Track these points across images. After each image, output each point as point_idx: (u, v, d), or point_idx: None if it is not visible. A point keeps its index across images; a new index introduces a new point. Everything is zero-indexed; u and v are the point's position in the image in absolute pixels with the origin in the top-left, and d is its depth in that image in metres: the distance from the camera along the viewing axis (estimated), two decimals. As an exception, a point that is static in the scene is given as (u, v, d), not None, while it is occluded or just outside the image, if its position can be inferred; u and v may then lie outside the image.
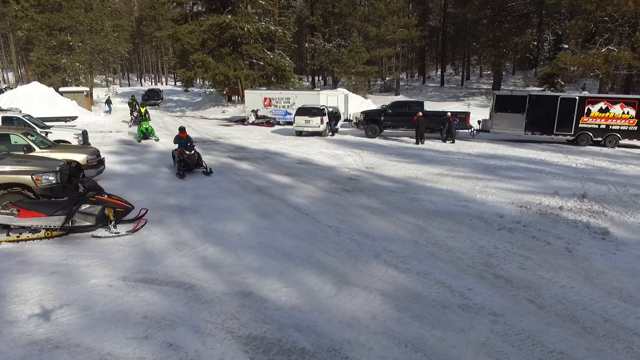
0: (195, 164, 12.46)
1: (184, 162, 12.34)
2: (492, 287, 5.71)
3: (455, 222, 8.40)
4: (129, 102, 27.87)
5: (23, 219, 7.09)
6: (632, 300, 5.40)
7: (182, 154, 12.37)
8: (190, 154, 12.41)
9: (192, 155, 12.45)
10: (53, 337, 4.48)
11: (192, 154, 12.45)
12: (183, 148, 12.54)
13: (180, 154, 12.43)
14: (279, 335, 4.58)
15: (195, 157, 12.50)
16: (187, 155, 12.36)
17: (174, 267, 6.22)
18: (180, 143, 12.81)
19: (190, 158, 12.37)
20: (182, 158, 12.33)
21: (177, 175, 12.21)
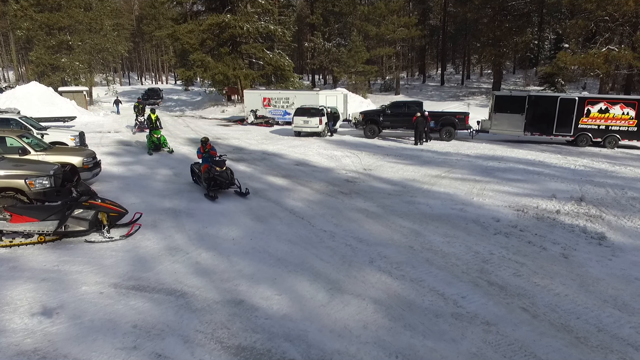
0: (228, 183, 10.32)
1: (215, 180, 10.25)
2: (486, 295, 5.66)
3: (452, 227, 8.35)
4: (135, 105, 24.95)
5: (16, 223, 7.05)
6: (627, 308, 5.35)
7: (212, 171, 10.26)
8: (221, 170, 10.23)
9: (225, 172, 10.27)
10: (41, 348, 4.44)
11: (224, 171, 10.27)
12: (212, 164, 10.40)
13: (208, 170, 10.34)
14: (269, 345, 4.54)
15: (229, 175, 10.35)
16: (219, 172, 10.21)
17: (166, 273, 6.18)
18: (205, 158, 10.78)
19: (222, 176, 10.20)
20: (213, 176, 10.22)
21: (206, 196, 10.23)
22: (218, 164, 10.32)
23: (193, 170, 11.59)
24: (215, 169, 10.20)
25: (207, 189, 10.30)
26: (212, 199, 10.02)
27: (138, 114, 23.84)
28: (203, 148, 10.91)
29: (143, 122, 22.29)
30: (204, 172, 10.43)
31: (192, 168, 11.65)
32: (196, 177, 11.37)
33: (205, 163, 10.58)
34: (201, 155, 10.87)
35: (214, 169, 10.24)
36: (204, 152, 10.85)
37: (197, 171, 11.17)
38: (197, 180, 11.31)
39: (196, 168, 11.32)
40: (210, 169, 10.29)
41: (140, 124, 22.73)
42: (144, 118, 22.17)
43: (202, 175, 10.52)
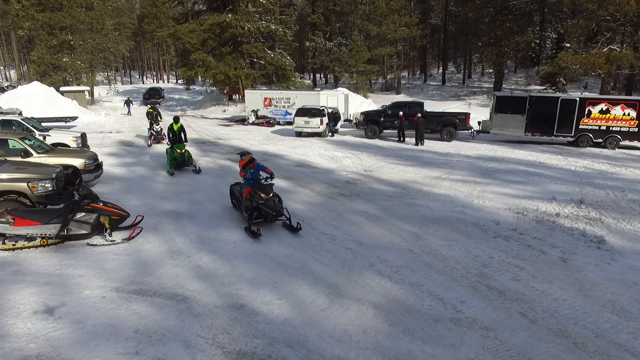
0: (275, 215, 8.22)
1: (259, 210, 8.17)
2: (485, 300, 5.70)
3: (451, 230, 8.39)
4: (148, 111, 19.75)
5: (18, 227, 7.11)
6: (625, 314, 5.39)
7: (256, 197, 8.10)
8: (268, 197, 8.14)
9: (271, 200, 8.18)
10: (44, 353, 4.49)
11: (271, 198, 8.19)
12: (256, 188, 8.24)
13: (251, 197, 8.22)
14: (269, 350, 4.59)
15: (276, 204, 8.25)
16: (264, 200, 8.08)
17: (167, 277, 6.23)
18: (248, 180, 8.53)
19: (268, 205, 8.08)
20: (257, 204, 8.09)
21: (246, 230, 8.06)
22: (263, 190, 8.16)
23: (233, 193, 9.53)
24: (260, 196, 8.05)
25: (248, 220, 8.21)
26: (253, 235, 7.82)
27: (153, 121, 19.32)
28: (244, 164, 8.70)
29: (160, 132, 18.83)
30: (246, 197, 8.39)
31: (232, 190, 9.58)
32: (235, 200, 9.37)
33: (248, 186, 8.43)
34: (243, 173, 8.65)
35: (257, 195, 8.10)
36: (246, 169, 8.64)
37: (237, 195, 9.16)
38: (236, 206, 9.39)
39: (237, 190, 9.27)
40: (253, 195, 8.18)
41: (155, 134, 18.90)
42: (160, 127, 18.91)
43: (244, 202, 8.46)
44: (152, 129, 18.97)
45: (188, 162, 13.55)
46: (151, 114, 19.43)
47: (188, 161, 13.55)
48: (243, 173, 8.65)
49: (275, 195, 8.42)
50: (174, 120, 14.15)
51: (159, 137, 18.65)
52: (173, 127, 13.88)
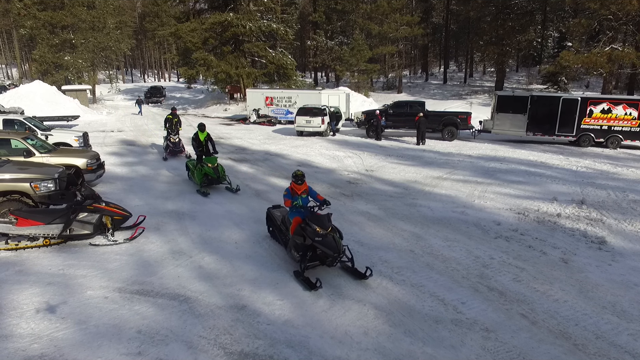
0: (336, 256, 6.15)
1: (313, 250, 6.19)
2: (485, 301, 5.72)
3: (452, 230, 8.41)
4: (167, 118, 16.34)
5: (21, 227, 7.15)
6: (626, 315, 5.41)
7: (309, 232, 6.14)
8: (325, 233, 6.11)
9: (330, 236, 6.15)
10: (47, 353, 4.53)
11: (330, 234, 6.18)
12: (310, 220, 6.32)
13: (303, 229, 6.27)
14: (271, 351, 4.61)
15: (336, 242, 6.16)
16: (321, 237, 6.07)
17: (169, 277, 6.26)
18: (298, 208, 6.70)
19: (327, 244, 6.07)
20: (314, 242, 6.08)
21: (297, 277, 6.25)
22: (320, 222, 6.22)
23: (271, 219, 7.63)
24: (315, 231, 6.10)
25: (300, 264, 6.25)
26: (310, 286, 5.92)
27: (170, 130, 16.02)
28: (296, 188, 6.77)
29: (177, 144, 15.78)
30: (295, 231, 6.43)
31: (271, 215, 7.65)
32: (276, 230, 7.47)
33: (296, 216, 6.58)
34: (290, 201, 6.67)
35: (311, 229, 6.14)
36: (294, 194, 6.75)
37: (278, 224, 7.33)
38: (277, 237, 7.46)
39: (277, 217, 7.46)
40: (305, 229, 6.25)
41: (172, 146, 15.71)
42: (178, 137, 15.91)
43: (292, 238, 6.50)
44: (169, 139, 15.77)
45: (221, 177, 11.09)
46: (170, 121, 16.11)
47: (221, 177, 11.08)
48: (289, 201, 6.64)
49: (335, 230, 6.41)
50: (199, 129, 11.90)
51: (177, 149, 15.70)
52: (199, 137, 11.80)
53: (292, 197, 6.73)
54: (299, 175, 6.84)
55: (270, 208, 7.93)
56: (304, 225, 6.35)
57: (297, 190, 6.79)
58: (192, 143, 11.98)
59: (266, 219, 7.91)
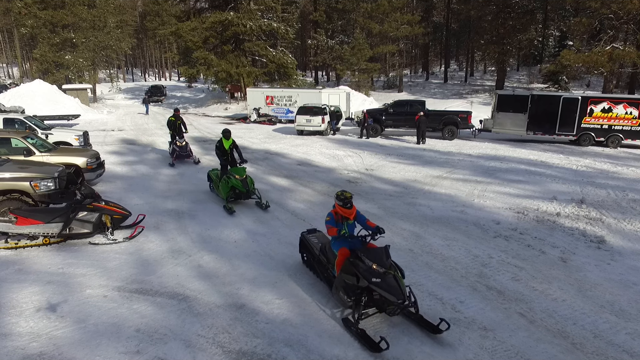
0: (402, 301, 4.85)
1: (369, 293, 4.97)
2: (484, 300, 5.72)
3: (452, 229, 8.41)
4: (170, 120, 15.01)
5: (21, 226, 7.17)
6: (624, 314, 5.41)
7: (363, 270, 4.96)
8: (384, 272, 4.93)
9: (391, 275, 4.94)
10: (46, 352, 4.54)
11: (390, 272, 4.96)
12: (363, 253, 5.12)
13: (354, 265, 5.07)
14: (269, 350, 4.63)
15: (401, 281, 4.99)
16: (380, 278, 4.87)
17: (168, 276, 6.27)
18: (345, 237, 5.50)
19: (388, 287, 4.84)
20: (370, 283, 4.87)
21: (348, 325, 5.05)
22: (376, 258, 5.02)
23: (308, 248, 6.43)
24: (372, 269, 4.91)
25: (353, 309, 5.06)
26: (372, 346, 4.63)
27: (175, 133, 14.75)
28: (342, 212, 5.56)
29: (184, 148, 14.47)
30: (343, 268, 5.23)
31: (306, 242, 6.48)
32: (314, 261, 6.21)
33: (343, 247, 5.42)
34: (335, 229, 5.41)
35: (366, 266, 4.96)
36: (338, 219, 5.57)
37: (316, 254, 6.09)
38: (314, 268, 6.25)
39: (314, 244, 6.32)
40: (356, 265, 5.02)
41: (179, 151, 14.38)
42: (185, 141, 14.65)
43: (341, 276, 5.24)
44: (175, 143, 14.47)
45: (252, 191, 9.68)
46: (173, 124, 14.86)
47: (251, 190, 9.68)
48: (334, 229, 5.39)
49: (394, 267, 5.12)
50: (224, 135, 10.42)
51: (184, 154, 14.47)
52: (223, 145, 10.37)
53: (337, 223, 5.53)
54: (347, 197, 5.55)
55: (304, 233, 6.70)
56: (355, 260, 5.11)
57: (345, 215, 5.56)
58: (215, 152, 10.58)
59: (299, 246, 6.68)
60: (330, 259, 5.72)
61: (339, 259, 5.41)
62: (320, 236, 6.61)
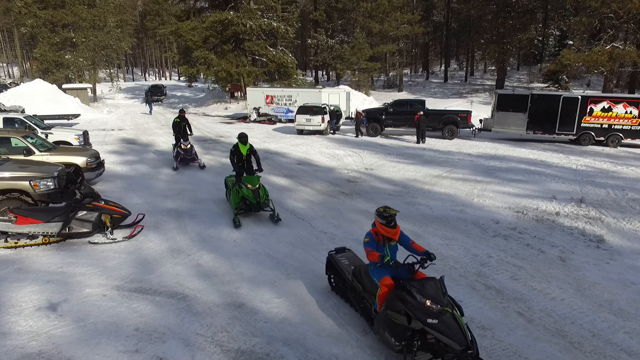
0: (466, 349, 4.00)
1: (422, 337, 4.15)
2: (482, 299, 5.73)
3: (451, 229, 8.42)
4: (175, 121, 14.26)
5: (21, 225, 7.17)
6: (622, 313, 5.42)
7: (415, 308, 4.11)
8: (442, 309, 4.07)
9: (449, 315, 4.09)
10: (45, 351, 4.55)
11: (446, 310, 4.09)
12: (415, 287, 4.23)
13: (402, 300, 4.24)
14: (268, 349, 4.63)
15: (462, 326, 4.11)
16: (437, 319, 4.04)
17: (168, 275, 6.28)
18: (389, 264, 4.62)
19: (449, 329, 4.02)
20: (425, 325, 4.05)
21: None
22: (430, 293, 4.17)
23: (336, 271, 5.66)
24: (426, 307, 4.07)
25: (404, 354, 4.18)
26: None
27: (180, 136, 14.05)
28: (384, 232, 4.80)
29: (189, 151, 13.72)
30: (388, 303, 4.38)
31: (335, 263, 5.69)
32: (346, 287, 5.38)
33: (384, 275, 4.62)
34: (377, 254, 4.62)
35: (415, 301, 4.15)
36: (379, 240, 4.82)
37: (349, 279, 5.30)
38: (345, 294, 5.47)
39: (346, 269, 5.48)
40: (404, 299, 4.22)
41: (184, 154, 13.62)
42: (190, 143, 13.91)
43: (385, 313, 4.38)
44: (180, 146, 13.73)
45: (264, 202, 8.78)
46: (178, 125, 14.13)
47: (263, 201, 8.77)
48: (376, 254, 4.61)
49: (451, 304, 4.27)
50: (240, 140, 9.46)
51: (189, 157, 13.71)
52: (239, 150, 9.42)
53: (378, 246, 4.77)
54: (392, 215, 4.74)
55: (332, 253, 5.86)
56: (402, 294, 4.24)
57: (388, 235, 4.78)
58: (230, 158, 9.48)
59: (326, 267, 5.88)
60: (367, 286, 4.91)
61: (382, 291, 4.52)
62: (351, 257, 5.79)
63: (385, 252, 4.77)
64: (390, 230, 4.76)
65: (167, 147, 17.30)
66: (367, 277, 4.99)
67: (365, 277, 5.01)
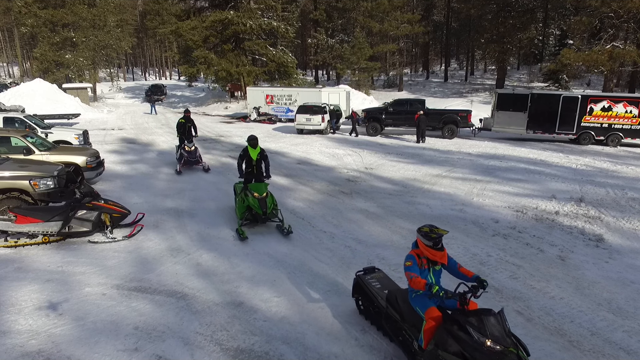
0: None
1: None
2: (481, 298, 5.67)
3: (450, 228, 8.40)
4: (180, 122, 13.82)
5: (20, 224, 7.19)
6: (621, 312, 5.42)
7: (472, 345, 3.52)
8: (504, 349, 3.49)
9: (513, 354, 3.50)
10: (45, 349, 4.56)
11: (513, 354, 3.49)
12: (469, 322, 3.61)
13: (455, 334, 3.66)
14: (267, 348, 4.64)
15: None
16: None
17: (167, 274, 6.29)
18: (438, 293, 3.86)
19: None
20: None
21: None
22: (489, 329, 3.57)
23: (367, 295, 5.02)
24: (483, 346, 3.49)
25: None
26: None
27: (184, 137, 13.54)
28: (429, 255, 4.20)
29: (194, 153, 13.10)
30: (437, 340, 3.82)
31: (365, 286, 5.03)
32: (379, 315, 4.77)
33: (430, 306, 4.04)
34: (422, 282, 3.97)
35: (474, 340, 3.55)
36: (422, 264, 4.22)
37: (382, 306, 4.67)
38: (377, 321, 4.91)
39: (378, 293, 4.82)
40: (456, 336, 3.68)
41: (187, 156, 12.98)
42: (194, 145, 13.31)
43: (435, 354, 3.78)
44: (184, 148, 13.10)
45: (270, 212, 8.04)
46: (183, 126, 13.63)
47: (270, 211, 8.05)
48: (422, 281, 3.95)
49: (515, 343, 3.66)
50: (250, 143, 8.59)
51: (193, 159, 13.06)
52: (249, 154, 8.56)
53: (422, 271, 4.16)
54: (439, 235, 4.14)
55: (361, 274, 5.17)
56: (455, 330, 3.68)
57: (433, 258, 4.18)
58: (238, 162, 8.69)
59: (354, 289, 5.24)
60: (407, 316, 4.23)
61: (428, 326, 3.87)
62: (382, 278, 5.09)
63: (430, 278, 4.19)
64: (437, 253, 4.18)
65: (167, 146, 17.36)
66: (406, 306, 4.30)
67: (403, 305, 4.33)
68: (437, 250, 4.16)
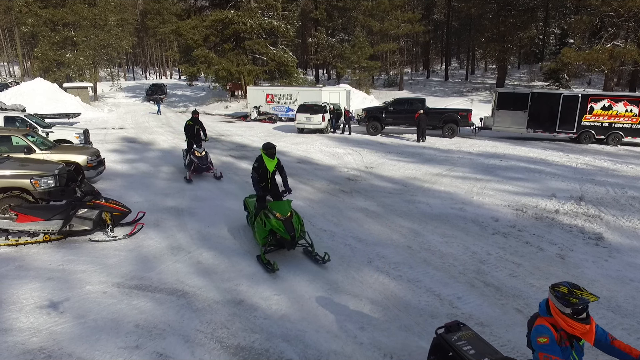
0: None
1: None
2: (481, 296, 5.75)
3: (450, 226, 8.43)
4: (187, 124, 12.63)
5: (21, 223, 7.21)
6: (620, 310, 5.44)
7: None
8: None
9: None
10: (46, 347, 4.58)
11: None
12: None
13: None
14: (267, 345, 4.66)
15: None
16: None
17: (168, 273, 6.31)
18: None
19: None
20: None
21: None
22: None
23: None
24: None
25: None
26: None
27: (192, 140, 12.46)
28: (569, 328, 3.07)
29: (204, 159, 12.01)
30: None
31: (453, 349, 3.65)
32: None
33: None
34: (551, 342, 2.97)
35: None
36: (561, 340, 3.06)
37: None
38: None
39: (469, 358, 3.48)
40: None
41: (198, 162, 11.86)
42: (204, 150, 12.20)
43: None
44: (193, 153, 11.99)
45: (297, 235, 6.58)
46: (191, 128, 12.50)
47: (297, 234, 6.57)
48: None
49: None
50: (267, 152, 7.30)
51: (203, 166, 11.94)
52: (265, 165, 7.25)
53: (563, 350, 3.08)
54: (585, 301, 3.04)
55: (442, 332, 3.88)
56: None
57: (575, 332, 3.09)
58: (253, 177, 7.19)
59: (431, 350, 3.97)
60: None
61: None
62: (473, 339, 3.77)
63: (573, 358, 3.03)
64: (579, 326, 3.01)
65: (168, 145, 17.40)
66: None
67: None
68: (581, 323, 2.99)
